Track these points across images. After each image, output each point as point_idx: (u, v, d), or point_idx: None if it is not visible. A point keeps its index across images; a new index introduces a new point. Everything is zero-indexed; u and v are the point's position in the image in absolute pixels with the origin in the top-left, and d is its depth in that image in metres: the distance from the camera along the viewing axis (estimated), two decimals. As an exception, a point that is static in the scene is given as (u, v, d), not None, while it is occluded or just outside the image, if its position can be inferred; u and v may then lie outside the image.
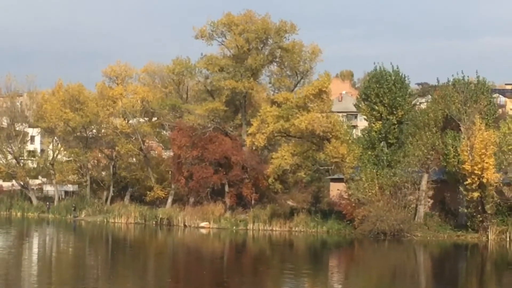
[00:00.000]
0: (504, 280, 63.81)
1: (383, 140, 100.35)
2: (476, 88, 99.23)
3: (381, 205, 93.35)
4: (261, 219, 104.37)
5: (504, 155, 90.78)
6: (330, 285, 59.03)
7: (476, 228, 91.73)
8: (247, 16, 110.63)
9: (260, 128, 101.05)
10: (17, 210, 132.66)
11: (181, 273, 65.05)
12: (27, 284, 55.58)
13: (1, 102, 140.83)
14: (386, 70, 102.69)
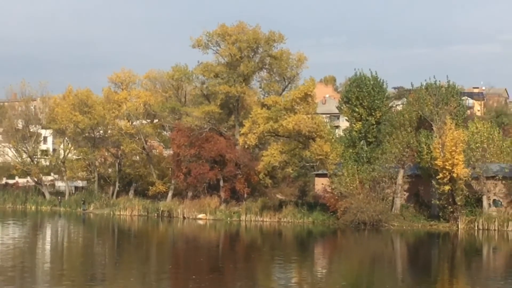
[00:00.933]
0: (473, 265, 63.89)
1: (363, 139, 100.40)
2: (446, 92, 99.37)
3: (361, 197, 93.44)
4: (252, 211, 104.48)
5: (472, 152, 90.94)
6: (315, 271, 59.00)
7: (447, 218, 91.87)
8: (239, 27, 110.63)
9: (252, 128, 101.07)
10: (31, 204, 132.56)
11: (180, 260, 64.99)
12: (41, 271, 55.47)
13: (17, 106, 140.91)
14: (366, 76, 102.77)
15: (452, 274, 58.04)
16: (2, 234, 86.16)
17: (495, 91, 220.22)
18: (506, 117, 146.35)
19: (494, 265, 64.87)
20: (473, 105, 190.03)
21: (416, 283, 52.11)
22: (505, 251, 74.26)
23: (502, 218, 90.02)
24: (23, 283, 48.11)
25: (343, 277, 54.67)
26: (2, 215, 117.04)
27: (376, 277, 55.42)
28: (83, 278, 51.29)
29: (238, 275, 55.05)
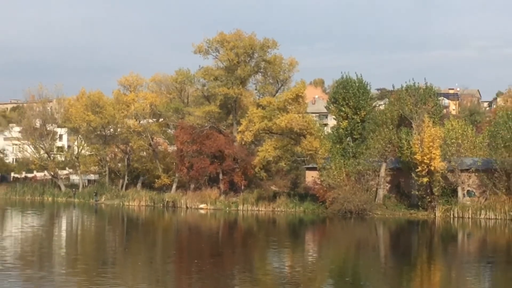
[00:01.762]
0: (449, 250, 63.94)
1: (349, 135, 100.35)
2: (424, 92, 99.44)
3: (347, 189, 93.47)
4: (249, 201, 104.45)
5: (448, 147, 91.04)
6: (306, 255, 58.93)
7: (425, 207, 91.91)
8: (236, 34, 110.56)
9: (248, 126, 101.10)
10: (48, 196, 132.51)
11: (184, 246, 64.88)
12: (57, 256, 55.36)
13: (35, 107, 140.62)
14: (351, 78, 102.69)
15: (430, 258, 58.00)
16: (22, 223, 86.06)
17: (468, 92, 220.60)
18: (478, 115, 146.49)
19: (468, 249, 64.89)
20: (449, 105, 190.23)
21: (397, 266, 52.07)
22: (478, 236, 74.27)
23: (475, 207, 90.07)
24: (41, 266, 48.01)
25: (331, 261, 54.68)
26: (22, 205, 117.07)
27: (362, 261, 55.38)
28: (95, 262, 51.22)
29: (236, 259, 54.98)
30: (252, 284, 42.57)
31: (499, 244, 67.72)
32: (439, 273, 49.27)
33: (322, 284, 43.19)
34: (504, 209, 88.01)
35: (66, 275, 44.43)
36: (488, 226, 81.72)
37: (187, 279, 43.67)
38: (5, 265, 47.16)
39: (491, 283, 44.37)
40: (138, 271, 47.16)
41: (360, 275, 47.35)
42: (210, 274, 45.74)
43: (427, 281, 45.50)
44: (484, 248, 64.75)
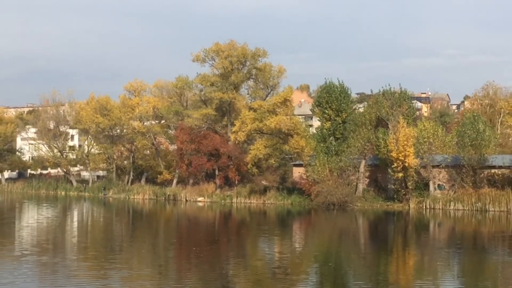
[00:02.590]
0: (421, 237, 64.08)
1: (331, 135, 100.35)
2: (399, 96, 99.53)
3: (330, 183, 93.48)
4: (242, 194, 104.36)
5: (420, 146, 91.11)
6: (294, 243, 59.04)
7: (400, 199, 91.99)
8: (230, 44, 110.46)
9: (241, 127, 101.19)
10: (61, 190, 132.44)
11: (183, 235, 64.94)
12: (69, 243, 55.41)
13: (49, 110, 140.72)
14: (334, 84, 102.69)
15: (405, 245, 58.16)
16: (37, 214, 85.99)
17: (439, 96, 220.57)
18: (448, 117, 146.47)
19: (439, 237, 65.05)
20: (421, 108, 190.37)
21: (375, 252, 52.19)
22: (448, 226, 74.44)
23: (445, 199, 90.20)
24: (55, 253, 48.05)
25: (316, 248, 54.78)
26: (37, 199, 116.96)
27: (343, 248, 55.49)
28: (103, 249, 51.24)
29: (230, 246, 55.06)
30: (245, 268, 42.68)
31: (466, 232, 67.93)
32: (413, 258, 49.42)
33: (307, 268, 43.31)
34: (471, 201, 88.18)
35: (78, 261, 44.54)
36: (457, 216, 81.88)
37: (187, 264, 43.76)
38: (23, 252, 47.28)
39: (459, 267, 44.56)
40: (142, 257, 47.23)
41: (342, 260, 47.48)
42: (207, 260, 45.82)
43: (402, 265, 45.65)
44: (453, 236, 64.92)
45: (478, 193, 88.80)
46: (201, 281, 37.37)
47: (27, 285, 34.66)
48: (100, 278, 37.60)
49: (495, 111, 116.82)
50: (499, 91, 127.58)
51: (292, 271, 41.37)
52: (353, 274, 41.28)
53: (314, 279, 39.23)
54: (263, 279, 38.34)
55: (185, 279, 38.25)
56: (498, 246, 55.92)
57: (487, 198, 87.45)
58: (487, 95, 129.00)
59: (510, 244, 57.00)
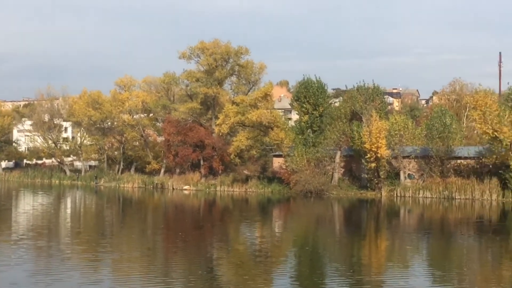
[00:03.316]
0: (393, 223, 64.27)
1: (309, 128, 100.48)
2: (372, 92, 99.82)
3: (308, 173, 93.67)
4: (225, 183, 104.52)
5: (392, 138, 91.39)
6: (274, 228, 59.13)
7: (373, 188, 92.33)
8: (215, 43, 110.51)
9: (225, 120, 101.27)
10: (55, 179, 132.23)
11: (170, 221, 64.89)
12: (63, 229, 55.28)
13: (44, 103, 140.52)
14: (311, 80, 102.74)
15: (377, 230, 58.36)
16: (33, 201, 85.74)
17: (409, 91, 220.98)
18: (417, 111, 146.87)
19: (408, 223, 65.34)
20: (393, 102, 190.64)
21: (350, 237, 52.33)
22: (417, 212, 74.75)
23: (414, 188, 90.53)
24: (50, 238, 47.92)
25: (294, 233, 54.85)
26: (33, 187, 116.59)
27: (320, 233, 55.61)
28: (95, 234, 51.15)
29: (214, 231, 55.07)
30: (228, 252, 42.71)
31: (434, 218, 68.26)
32: (384, 242, 49.60)
33: (286, 251, 43.40)
34: (438, 189, 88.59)
35: (72, 245, 44.42)
36: (425, 204, 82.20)
37: (173, 247, 43.73)
38: (20, 237, 47.11)
39: (427, 250, 44.81)
40: (132, 241, 47.16)
41: (318, 244, 47.59)
42: (193, 244, 45.84)
43: (375, 249, 45.82)
44: (422, 221, 65.23)
45: (445, 182, 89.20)
46: (187, 264, 37.40)
47: (23, 267, 34.56)
48: (93, 260, 37.58)
49: (461, 105, 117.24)
50: (465, 87, 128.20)
51: (272, 255, 41.46)
52: (328, 257, 41.41)
53: (293, 262, 39.34)
54: (245, 262, 38.40)
55: (172, 261, 38.27)
56: (463, 231, 56.22)
57: (454, 187, 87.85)
58: (454, 91, 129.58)
59: (474, 229, 57.32)
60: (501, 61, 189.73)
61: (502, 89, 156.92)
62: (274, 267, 36.86)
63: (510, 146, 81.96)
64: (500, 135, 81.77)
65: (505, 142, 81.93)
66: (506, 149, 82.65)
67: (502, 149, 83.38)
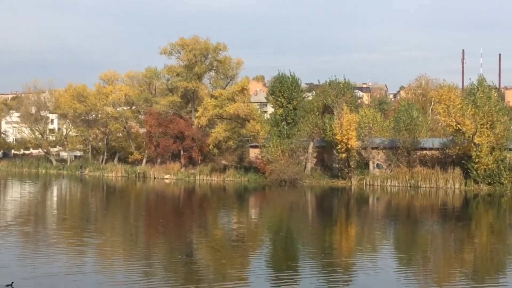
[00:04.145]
0: (362, 210, 64.67)
1: (284, 120, 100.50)
2: (343, 86, 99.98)
3: (282, 162, 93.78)
4: (204, 172, 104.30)
5: (361, 130, 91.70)
6: (250, 215, 59.27)
7: (344, 177, 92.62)
8: (194, 39, 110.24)
9: (204, 113, 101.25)
10: (42, 169, 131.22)
11: (152, 208, 64.80)
12: (49, 216, 55.07)
13: (31, 96, 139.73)
14: (286, 75, 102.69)
15: (347, 216, 58.67)
16: (20, 190, 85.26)
17: (378, 86, 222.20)
18: (385, 105, 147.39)
19: (377, 210, 65.71)
20: (363, 96, 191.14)
21: (322, 223, 52.64)
22: (385, 200, 75.21)
23: (383, 177, 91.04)
24: (37, 224, 47.79)
25: (269, 219, 55.04)
26: (20, 176, 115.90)
27: (293, 219, 55.82)
28: (80, 220, 51.02)
29: (194, 218, 55.14)
30: (207, 237, 42.79)
31: (401, 205, 68.73)
32: (354, 228, 49.91)
33: (262, 237, 43.55)
34: (405, 178, 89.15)
35: (58, 230, 44.31)
36: (393, 192, 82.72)
37: (155, 233, 43.76)
38: (8, 223, 46.94)
39: (394, 235, 45.15)
40: (115, 227, 47.12)
41: (292, 230, 47.79)
42: (173, 229, 45.91)
43: (345, 234, 46.10)
44: (390, 209, 65.65)
45: (411, 171, 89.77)
46: (167, 248, 37.41)
47: (12, 251, 34.45)
48: (78, 245, 37.51)
49: (427, 99, 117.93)
50: (430, 82, 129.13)
51: (248, 239, 41.58)
52: (302, 241, 41.59)
53: (268, 246, 39.49)
54: (223, 246, 38.49)
55: (153, 245, 38.28)
56: (428, 217, 56.69)
57: (419, 176, 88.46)
58: (420, 85, 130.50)
59: (438, 215, 57.81)
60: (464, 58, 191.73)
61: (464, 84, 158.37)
62: (251, 251, 36.99)
63: (472, 138, 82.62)
64: (463, 128, 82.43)
65: (467, 134, 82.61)
66: (468, 141, 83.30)
67: (464, 140, 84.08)
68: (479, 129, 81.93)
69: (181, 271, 30.50)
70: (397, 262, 34.00)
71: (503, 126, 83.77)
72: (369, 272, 30.64)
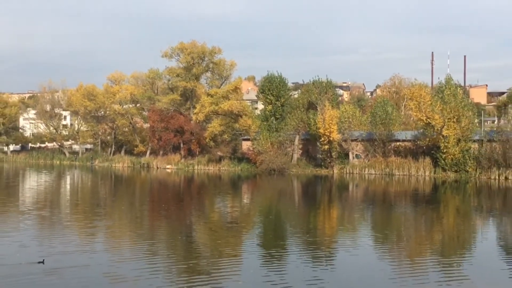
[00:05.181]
0: (343, 195, 64.74)
1: (272, 116, 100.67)
2: (326, 85, 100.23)
3: (272, 153, 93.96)
4: (202, 163, 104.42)
5: (342, 124, 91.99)
6: (242, 200, 59.29)
7: (327, 166, 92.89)
8: (192, 43, 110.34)
9: (201, 109, 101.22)
10: (56, 160, 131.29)
11: (155, 195, 64.73)
12: (63, 201, 54.96)
13: (46, 95, 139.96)
14: (274, 75, 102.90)
15: (329, 201, 58.75)
16: (37, 179, 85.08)
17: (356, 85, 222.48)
18: (363, 101, 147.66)
19: (356, 195, 65.81)
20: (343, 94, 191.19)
21: (307, 207, 52.74)
22: (363, 186, 75.27)
23: (361, 166, 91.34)
24: (52, 209, 47.73)
25: (260, 204, 55.11)
26: (37, 167, 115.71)
27: (281, 204, 55.92)
28: (91, 206, 50.94)
29: (193, 203, 55.14)
30: (205, 219, 42.85)
31: (377, 191, 68.86)
32: (336, 211, 50.01)
33: (253, 219, 43.62)
34: (380, 167, 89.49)
35: (71, 214, 44.28)
36: (370, 179, 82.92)
37: (158, 216, 43.77)
38: (28, 208, 46.93)
39: (371, 217, 45.29)
40: (122, 211, 47.12)
41: (280, 213, 47.88)
42: (174, 213, 45.94)
43: (328, 217, 46.20)
44: (367, 194, 65.78)
45: (386, 161, 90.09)
46: (169, 229, 37.49)
47: (31, 233, 34.47)
48: (89, 227, 37.52)
49: (400, 97, 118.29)
50: (403, 81, 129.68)
51: (241, 222, 41.65)
52: (289, 223, 41.70)
53: (259, 228, 39.57)
54: (218, 228, 38.56)
55: (156, 227, 38.32)
56: (401, 201, 56.88)
57: (394, 165, 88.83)
58: (394, 84, 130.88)
59: (410, 200, 58.00)
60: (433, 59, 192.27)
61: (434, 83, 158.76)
62: (243, 232, 37.08)
63: (440, 131, 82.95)
64: (432, 122, 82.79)
65: (436, 127, 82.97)
66: (437, 133, 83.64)
67: (433, 133, 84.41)
68: (446, 122, 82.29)
69: (182, 249, 30.59)
70: (374, 240, 34.17)
71: (468, 120, 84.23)
72: (349, 249, 30.80)
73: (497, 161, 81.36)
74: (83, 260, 27.12)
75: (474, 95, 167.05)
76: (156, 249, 30.51)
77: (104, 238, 34.02)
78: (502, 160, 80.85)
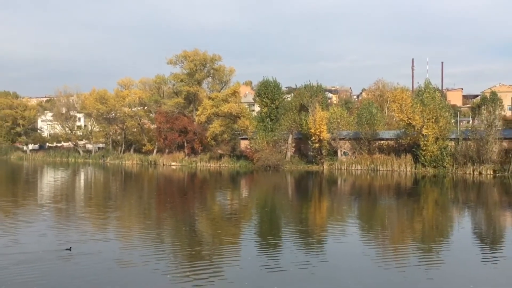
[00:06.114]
0: (332, 189, 64.73)
1: (268, 117, 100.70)
2: (316, 89, 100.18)
3: (267, 151, 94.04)
4: (204, 160, 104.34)
5: (331, 124, 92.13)
6: (241, 194, 59.31)
7: (317, 162, 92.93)
8: (195, 51, 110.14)
9: (203, 111, 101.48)
10: (71, 158, 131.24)
11: (161, 189, 64.74)
12: (78, 195, 54.99)
13: (62, 99, 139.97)
14: (269, 80, 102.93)
15: (320, 195, 58.77)
16: (54, 175, 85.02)
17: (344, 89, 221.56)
18: (350, 104, 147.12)
19: (344, 189, 65.83)
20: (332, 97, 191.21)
21: (299, 200, 52.77)
22: (350, 181, 75.29)
23: (348, 162, 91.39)
24: (68, 202, 47.70)
25: (257, 197, 55.15)
26: (54, 164, 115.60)
27: (276, 197, 55.94)
28: (103, 199, 51.00)
29: (196, 197, 55.15)
30: (207, 211, 42.91)
31: (363, 185, 68.88)
32: (326, 203, 50.08)
33: (251, 211, 43.69)
34: (366, 163, 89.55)
35: (85, 207, 44.30)
36: (357, 174, 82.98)
37: (164, 209, 43.83)
38: (45, 201, 46.95)
39: (358, 209, 45.36)
40: (131, 204, 47.15)
41: (275, 206, 47.93)
42: (179, 206, 45.98)
43: (318, 209, 46.27)
44: (354, 188, 65.84)
45: (371, 157, 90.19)
46: (174, 220, 37.54)
47: (49, 223, 34.52)
48: (102, 218, 37.56)
49: (384, 99, 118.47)
50: (386, 85, 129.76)
51: (239, 213, 41.72)
52: (283, 214, 41.78)
53: (256, 219, 39.64)
54: (219, 218, 38.64)
55: (162, 218, 38.38)
56: (385, 194, 56.98)
57: (378, 161, 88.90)
58: (378, 88, 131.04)
59: (393, 193, 58.07)
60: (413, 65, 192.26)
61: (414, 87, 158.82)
62: (242, 223, 37.15)
63: (420, 130, 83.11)
64: (413, 122, 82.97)
65: (416, 127, 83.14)
66: (417, 132, 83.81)
67: (414, 132, 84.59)
68: (426, 123, 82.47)
69: (186, 238, 30.66)
70: (361, 229, 34.26)
71: (445, 121, 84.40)
72: (338, 237, 30.91)
73: (471, 157, 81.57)
74: (96, 247, 27.23)
75: (450, 98, 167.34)
76: (163, 238, 30.58)
77: (115, 228, 34.07)
78: (476, 157, 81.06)
